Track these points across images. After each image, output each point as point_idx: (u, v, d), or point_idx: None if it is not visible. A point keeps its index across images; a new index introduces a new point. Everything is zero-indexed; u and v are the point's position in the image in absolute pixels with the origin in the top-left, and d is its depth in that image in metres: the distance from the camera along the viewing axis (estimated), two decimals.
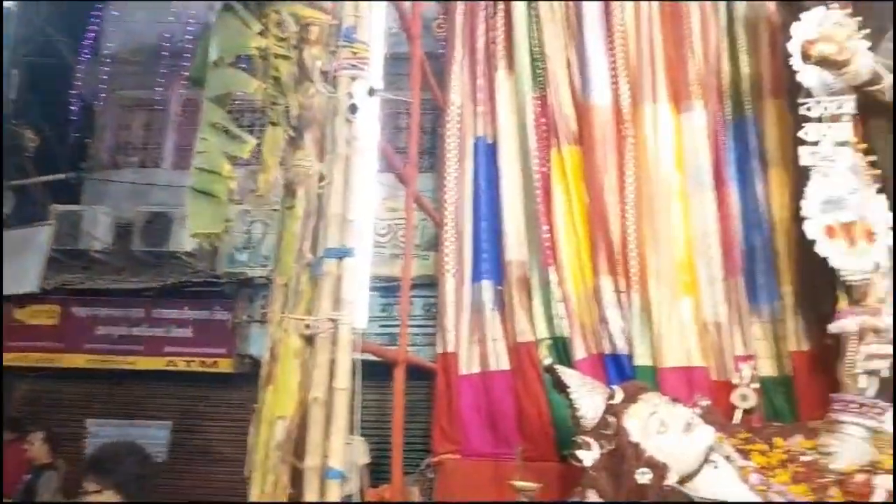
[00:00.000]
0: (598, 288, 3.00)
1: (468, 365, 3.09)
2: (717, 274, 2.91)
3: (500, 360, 3.05)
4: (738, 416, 2.68)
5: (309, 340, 2.01)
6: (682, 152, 3.04)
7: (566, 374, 2.54)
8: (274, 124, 2.19)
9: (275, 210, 2.64)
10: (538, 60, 3.28)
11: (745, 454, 2.34)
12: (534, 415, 2.90)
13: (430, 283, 3.54)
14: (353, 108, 2.18)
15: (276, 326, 2.05)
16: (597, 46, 3.18)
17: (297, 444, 1.95)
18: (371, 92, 2.24)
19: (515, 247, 3.16)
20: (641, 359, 2.89)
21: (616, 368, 2.93)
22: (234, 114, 3.85)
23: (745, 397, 2.71)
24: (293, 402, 1.94)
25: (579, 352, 2.97)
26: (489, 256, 3.19)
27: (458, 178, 3.32)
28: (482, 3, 3.44)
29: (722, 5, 3.13)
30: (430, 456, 3.03)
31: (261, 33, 2.13)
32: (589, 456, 2.23)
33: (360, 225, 2.12)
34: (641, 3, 3.18)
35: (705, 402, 2.49)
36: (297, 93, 2.23)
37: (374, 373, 2.30)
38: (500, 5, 3.40)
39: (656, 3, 3.17)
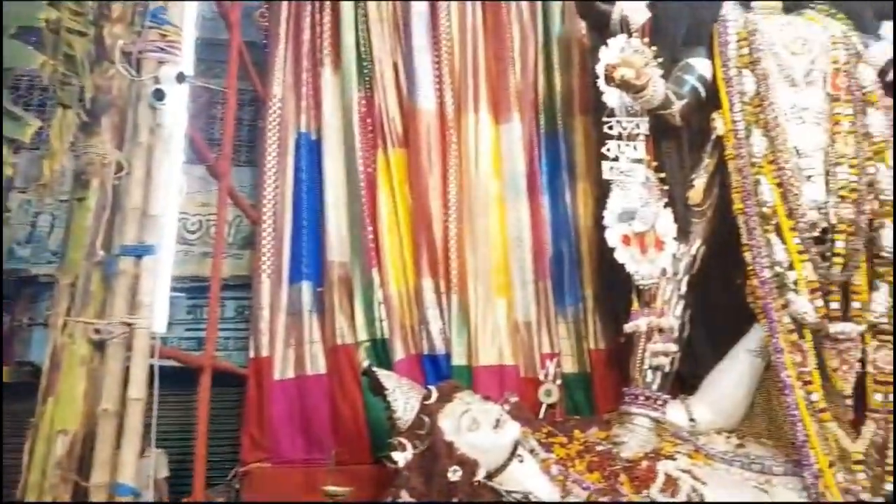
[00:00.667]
0: (420, 289, 3.05)
1: (283, 370, 2.99)
2: (529, 277, 3.09)
3: (317, 364, 2.99)
4: (542, 411, 2.86)
5: (99, 346, 1.83)
6: (500, 161, 3.18)
7: (383, 375, 2.55)
8: (64, 106, 1.97)
9: (64, 201, 2.38)
10: (365, 60, 3.27)
11: (547, 447, 2.50)
12: (349, 418, 2.87)
13: (243, 284, 3.37)
14: (158, 94, 2.03)
15: (58, 331, 1.85)
16: (423, 52, 3.24)
17: (82, 461, 1.77)
18: (180, 78, 2.10)
19: (338, 247, 3.11)
20: (458, 358, 2.98)
21: (434, 369, 2.99)
22: (20, 92, 3.45)
23: (549, 393, 2.90)
24: (77, 414, 1.77)
25: (398, 353, 2.99)
26: (310, 257, 3.11)
27: (279, 174, 3.20)
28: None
29: (540, 24, 3.32)
30: (238, 466, 2.89)
31: (51, 4, 1.91)
32: (403, 457, 2.26)
33: (163, 220, 1.97)
34: (467, 15, 3.28)
35: (514, 399, 2.61)
36: (94, 73, 2.03)
37: (179, 380, 2.16)
38: (328, 3, 3.33)
39: (480, 15, 3.29)
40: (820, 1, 2.89)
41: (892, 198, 2.57)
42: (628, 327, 2.67)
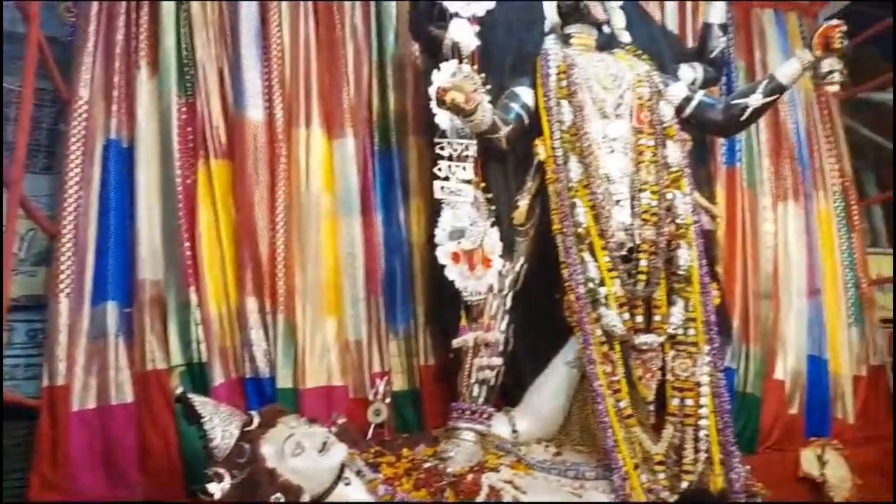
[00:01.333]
0: (243, 309, 2.90)
1: (82, 399, 2.69)
2: (361, 294, 3.05)
3: (123, 392, 2.73)
4: (371, 431, 2.83)
5: None
6: (332, 176, 3.12)
7: (199, 402, 2.35)
8: None
9: None
10: (187, 65, 3.07)
11: (375, 467, 2.46)
12: (160, 450, 2.64)
13: (38, 305, 2.99)
14: None
15: None
16: (252, 61, 3.11)
17: None
18: None
19: (150, 264, 2.87)
20: (283, 381, 2.86)
21: (257, 393, 2.85)
22: None
23: (378, 412, 2.87)
24: None
25: (217, 377, 2.81)
26: (116, 275, 2.84)
27: (82, 183, 2.89)
28: None
29: (374, 43, 3.33)
30: None
31: None
32: (219, 488, 2.10)
33: None
34: (300, 27, 3.20)
35: (341, 420, 2.54)
36: None
37: None
38: (145, 2, 3.10)
39: (313, 30, 3.22)
40: (628, 43, 3.15)
41: (687, 221, 2.84)
42: (457, 342, 2.71)
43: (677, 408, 2.69)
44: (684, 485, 2.59)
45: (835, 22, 2.79)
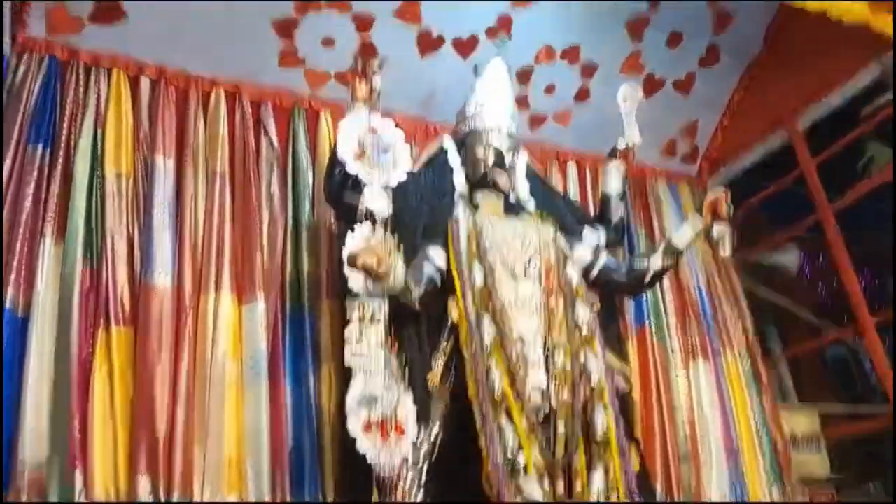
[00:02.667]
0: (134, 490, 2.65)
1: None
2: (265, 468, 2.86)
3: None
4: None
5: None
6: (240, 344, 3.04)
7: None
8: None
9: None
10: (95, 232, 3.03)
11: None
12: None
13: None
14: None
15: None
16: (164, 228, 3.11)
17: None
18: None
19: (34, 444, 2.63)
20: None
21: None
22: None
23: None
24: None
25: None
26: None
27: None
28: (38, 154, 3.07)
29: (290, 208, 3.40)
30: None
31: None
32: None
33: None
34: (215, 195, 3.26)
35: None
36: None
37: None
38: (58, 167, 3.10)
39: (228, 197, 3.29)
40: (533, 209, 3.33)
41: (601, 383, 2.84)
42: None
43: None
44: None
45: (720, 191, 3.03)
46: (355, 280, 2.74)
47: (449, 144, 3.34)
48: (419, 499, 2.62)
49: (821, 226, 4.12)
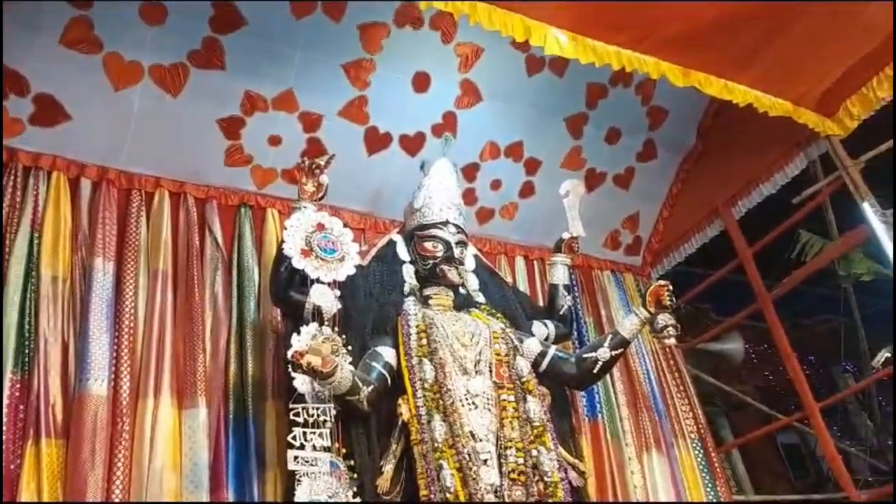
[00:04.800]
0: None
1: None
2: None
3: None
4: None
5: None
6: (179, 451, 2.90)
7: None
8: None
9: None
10: (28, 339, 2.90)
11: None
12: None
13: None
14: None
15: None
16: (101, 333, 2.99)
17: None
18: None
19: None
20: None
21: None
22: None
23: None
24: None
25: None
26: None
27: None
28: None
29: (234, 307, 3.33)
30: None
31: None
32: None
33: None
34: (156, 297, 3.17)
35: None
36: None
37: None
38: None
39: (170, 299, 3.21)
40: (483, 303, 3.35)
41: (554, 479, 2.79)
42: None
43: None
44: None
45: (662, 282, 3.11)
46: (301, 382, 2.68)
47: (397, 239, 3.37)
48: None
49: (762, 314, 4.24)
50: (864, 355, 5.16)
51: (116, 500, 2.72)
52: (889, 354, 4.25)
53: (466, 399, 2.89)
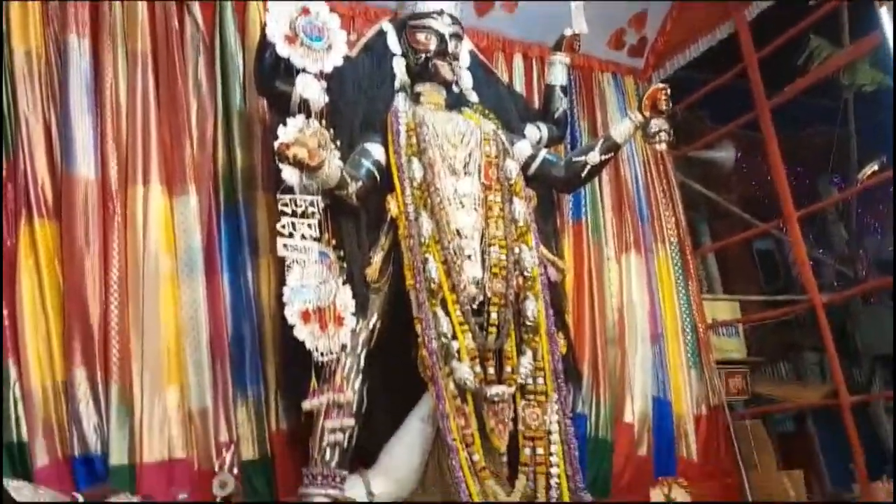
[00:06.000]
0: (72, 381, 2.67)
1: None
2: (205, 360, 2.89)
3: None
4: None
5: None
6: (173, 236, 2.98)
7: (16, 488, 2.13)
8: None
9: None
10: (8, 118, 2.84)
11: None
12: None
13: None
14: None
15: None
16: (84, 115, 2.92)
17: None
18: None
19: None
20: (117, 457, 2.64)
21: (88, 472, 2.60)
22: None
23: (224, 484, 2.69)
24: None
25: (41, 458, 2.55)
26: None
27: None
28: None
29: (220, 97, 3.24)
30: None
31: None
32: None
33: None
34: (137, 82, 3.05)
35: (183, 496, 2.37)
36: None
37: None
38: None
39: (152, 85, 3.09)
40: (476, 102, 3.27)
41: (534, 274, 2.93)
42: (307, 405, 2.62)
43: (529, 457, 2.72)
44: None
45: (661, 85, 3.03)
46: (288, 174, 2.69)
47: (388, 28, 3.19)
48: (357, 384, 2.71)
49: (757, 123, 4.18)
50: (853, 168, 5.19)
51: (114, 285, 2.84)
52: (877, 167, 4.28)
53: (454, 198, 2.93)
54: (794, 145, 4.71)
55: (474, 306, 2.81)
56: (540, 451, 2.73)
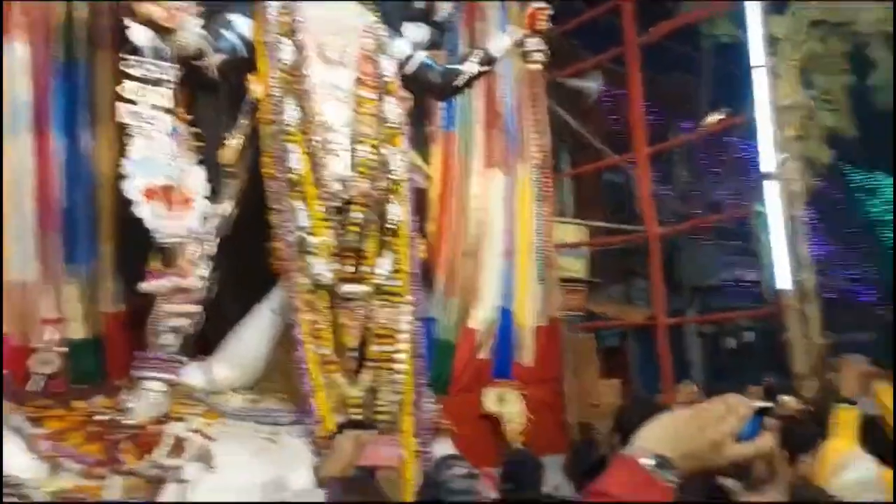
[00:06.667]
0: None
1: None
2: (31, 229, 2.62)
3: None
4: (38, 383, 2.47)
5: None
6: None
7: None
8: None
9: None
10: None
11: (38, 421, 2.17)
12: None
13: None
14: None
15: None
16: None
17: None
18: None
19: None
20: None
21: None
22: None
23: (46, 362, 2.52)
24: None
25: None
26: None
27: None
28: None
29: None
30: None
31: None
32: None
33: None
34: None
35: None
36: None
37: None
38: None
39: None
40: None
41: (401, 177, 2.90)
42: (145, 287, 2.47)
43: (376, 353, 2.77)
44: (379, 425, 2.68)
45: (542, 5, 3.03)
46: (139, 33, 2.41)
47: None
48: (204, 270, 2.58)
49: (624, 59, 4.34)
50: (702, 114, 5.58)
51: None
52: (722, 116, 4.61)
53: (324, 89, 2.80)
54: (654, 87, 4.96)
55: (337, 203, 2.75)
56: (389, 348, 2.79)
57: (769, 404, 0.79)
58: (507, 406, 3.51)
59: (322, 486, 2.06)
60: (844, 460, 2.02)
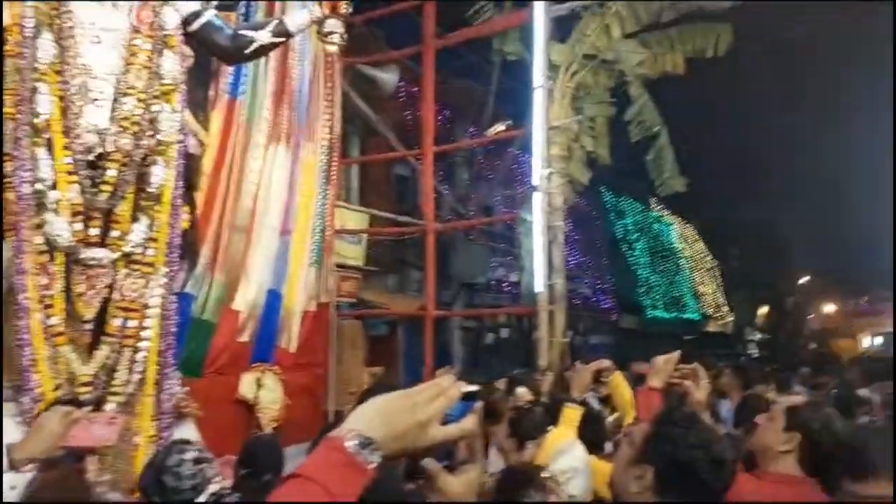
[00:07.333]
0: None
1: None
2: None
3: None
4: None
5: None
6: None
7: None
8: None
9: None
10: None
11: None
12: None
13: None
14: None
15: None
16: None
17: None
18: None
19: None
20: None
21: None
22: None
23: None
24: None
25: None
26: None
27: None
28: None
29: None
30: None
31: None
32: None
33: None
34: None
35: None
36: None
37: None
38: None
39: None
40: None
41: (170, 139, 2.69)
42: None
43: (118, 328, 2.54)
44: (110, 406, 2.47)
45: None
46: None
47: None
48: None
49: (421, 57, 4.46)
50: (486, 123, 5.93)
51: None
52: (503, 127, 4.95)
53: (90, 29, 2.51)
54: (445, 90, 5.16)
55: (89, 157, 2.47)
56: (133, 323, 2.57)
57: (476, 387, 0.81)
58: (264, 391, 3.44)
59: (15, 468, 1.78)
60: (561, 447, 2.28)
